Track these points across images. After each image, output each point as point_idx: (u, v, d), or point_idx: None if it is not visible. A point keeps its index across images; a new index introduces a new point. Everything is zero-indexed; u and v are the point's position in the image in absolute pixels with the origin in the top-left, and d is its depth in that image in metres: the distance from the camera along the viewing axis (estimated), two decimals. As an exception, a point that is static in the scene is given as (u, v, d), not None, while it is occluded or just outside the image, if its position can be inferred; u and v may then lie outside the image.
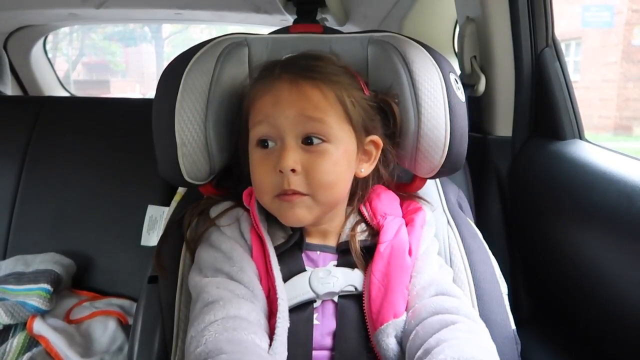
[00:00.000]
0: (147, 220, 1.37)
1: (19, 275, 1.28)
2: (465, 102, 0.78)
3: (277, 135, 0.69)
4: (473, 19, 1.12)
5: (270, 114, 0.69)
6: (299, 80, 0.70)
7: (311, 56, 0.75)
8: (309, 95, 0.69)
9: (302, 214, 0.70)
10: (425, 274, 0.72)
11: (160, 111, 0.75)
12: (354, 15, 1.59)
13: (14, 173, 1.47)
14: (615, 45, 6.70)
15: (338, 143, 0.70)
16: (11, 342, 1.16)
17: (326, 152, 0.69)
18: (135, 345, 0.76)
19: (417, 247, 0.74)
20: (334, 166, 0.70)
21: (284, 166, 0.67)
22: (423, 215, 0.78)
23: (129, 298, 1.35)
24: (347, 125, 0.71)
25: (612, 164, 0.90)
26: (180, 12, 1.72)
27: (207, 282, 0.68)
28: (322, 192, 0.70)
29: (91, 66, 10.98)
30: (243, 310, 0.64)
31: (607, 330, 0.88)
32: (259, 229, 0.73)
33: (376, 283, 0.70)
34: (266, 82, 0.72)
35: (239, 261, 0.70)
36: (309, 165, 0.68)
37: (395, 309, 0.68)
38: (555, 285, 1.03)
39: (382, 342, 0.67)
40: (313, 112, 0.69)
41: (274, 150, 0.70)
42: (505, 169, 1.14)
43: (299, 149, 0.69)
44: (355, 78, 0.75)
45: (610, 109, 6.67)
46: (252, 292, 0.68)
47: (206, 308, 0.64)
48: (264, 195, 0.71)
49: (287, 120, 0.68)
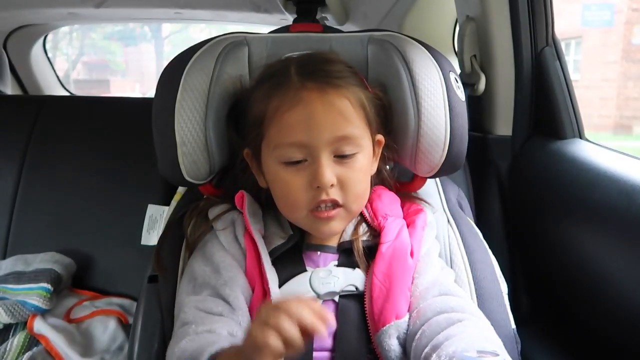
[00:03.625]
0: (147, 219, 1.37)
1: (19, 274, 1.28)
2: (465, 101, 0.78)
3: (310, 154, 0.68)
4: (473, 18, 1.12)
5: (304, 136, 0.67)
6: (327, 90, 0.68)
7: (325, 59, 0.73)
8: (340, 107, 0.68)
9: (337, 226, 0.71)
10: (428, 275, 0.72)
11: (160, 110, 0.75)
12: (354, 14, 1.59)
13: (14, 172, 1.47)
14: (615, 44, 6.71)
15: (364, 152, 0.71)
16: (11, 341, 1.16)
17: (357, 163, 0.70)
18: (135, 345, 0.77)
19: (418, 249, 0.74)
20: (364, 175, 0.71)
21: (324, 182, 0.67)
22: (424, 216, 0.78)
23: (129, 297, 1.35)
24: (367, 130, 0.72)
25: (612, 163, 0.90)
26: (180, 11, 1.72)
27: (188, 301, 0.70)
28: (355, 202, 0.71)
29: (91, 65, 10.99)
30: (215, 326, 0.65)
31: (607, 329, 0.88)
32: (252, 233, 0.73)
33: (378, 284, 0.70)
34: (287, 91, 0.69)
35: (226, 274, 0.70)
36: (344, 177, 0.69)
37: (398, 310, 0.68)
38: (555, 284, 1.03)
39: (384, 343, 0.67)
40: (347, 128, 0.68)
41: (305, 166, 0.68)
42: (505, 168, 1.14)
43: (332, 162, 0.68)
44: (360, 77, 0.75)
45: (610, 108, 6.68)
46: (231, 307, 0.68)
47: (180, 330, 0.66)
48: (298, 211, 0.70)
49: (322, 140, 0.67)
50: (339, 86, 0.69)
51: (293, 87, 0.68)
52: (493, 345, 0.61)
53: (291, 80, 0.69)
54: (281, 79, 0.70)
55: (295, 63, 0.72)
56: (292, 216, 0.73)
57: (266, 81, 0.73)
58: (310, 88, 0.68)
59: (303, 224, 0.73)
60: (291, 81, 0.69)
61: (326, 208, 0.69)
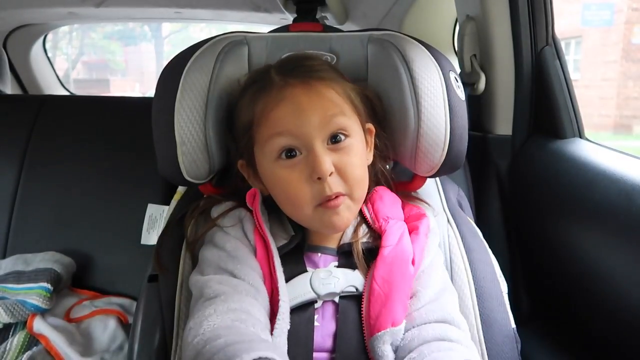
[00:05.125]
0: (147, 219, 1.37)
1: (19, 274, 1.28)
2: (465, 100, 0.78)
3: (302, 144, 0.68)
4: (473, 17, 1.12)
5: (292, 124, 0.68)
6: (311, 83, 0.69)
7: (304, 57, 0.75)
8: (327, 96, 0.70)
9: (347, 216, 0.71)
10: (430, 290, 0.71)
11: (159, 110, 0.75)
12: (354, 14, 1.59)
13: (14, 172, 1.47)
14: (615, 43, 6.71)
15: (357, 136, 0.72)
16: (11, 340, 1.16)
17: (352, 147, 0.70)
18: (135, 344, 0.76)
19: (421, 257, 0.73)
20: (360, 159, 0.72)
21: (323, 172, 0.66)
22: (427, 222, 0.77)
23: (129, 297, 1.35)
24: (356, 117, 0.73)
25: (612, 163, 0.90)
26: (180, 10, 1.72)
27: (209, 279, 0.68)
28: (357, 188, 0.70)
29: (91, 65, 10.99)
30: (245, 303, 0.64)
31: (607, 329, 0.88)
32: (263, 230, 0.73)
33: (377, 289, 0.69)
34: (270, 91, 0.70)
35: (243, 260, 0.70)
36: (341, 164, 0.69)
37: (394, 317, 0.68)
38: (555, 283, 1.03)
39: (378, 348, 0.67)
40: (334, 108, 0.69)
41: (299, 160, 0.69)
42: (505, 167, 1.14)
43: (327, 150, 0.68)
44: (339, 71, 0.77)
45: (610, 108, 6.68)
46: (256, 289, 0.67)
47: (207, 302, 0.64)
48: (304, 207, 0.69)
49: (312, 126, 0.67)
50: (322, 78, 0.70)
51: (276, 86, 0.70)
52: None
53: (273, 81, 0.71)
54: (263, 83, 0.72)
55: (274, 66, 0.74)
56: (298, 214, 0.72)
57: (249, 88, 0.74)
58: (293, 84, 0.69)
59: (310, 221, 0.72)
60: (273, 82, 0.70)
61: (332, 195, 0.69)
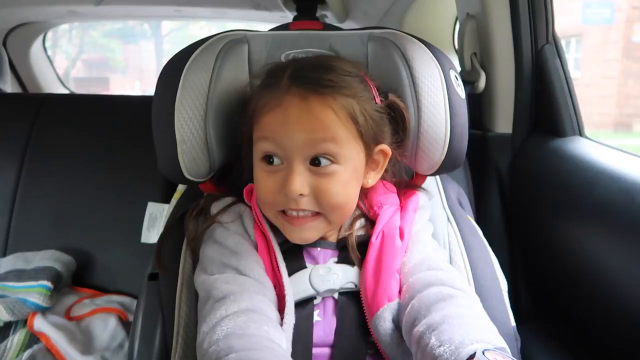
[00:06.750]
0: (147, 217, 1.37)
1: (19, 272, 1.28)
2: (465, 99, 0.78)
3: (284, 156, 0.67)
4: (473, 15, 1.12)
5: (277, 134, 0.66)
6: (309, 97, 0.66)
7: (323, 66, 0.70)
8: (319, 115, 0.66)
9: (309, 235, 0.71)
10: (416, 252, 0.72)
11: (160, 108, 0.75)
12: (354, 12, 1.59)
13: (14, 170, 1.47)
14: (616, 42, 6.69)
15: (347, 163, 0.68)
16: (12, 339, 1.17)
17: (335, 174, 0.67)
18: (135, 342, 0.77)
19: (409, 231, 0.74)
20: (343, 188, 0.68)
21: (292, 191, 0.66)
22: (416, 199, 0.78)
23: (130, 295, 1.35)
24: (357, 141, 0.69)
25: (612, 161, 0.90)
26: (180, 9, 1.73)
27: (216, 279, 0.68)
28: (333, 212, 0.69)
29: (91, 63, 10.96)
30: (255, 301, 0.64)
31: (607, 327, 0.88)
32: (263, 225, 0.73)
33: (370, 271, 0.70)
34: (274, 93, 0.68)
35: (245, 255, 0.70)
36: (319, 188, 0.67)
37: (389, 293, 0.68)
38: (555, 281, 1.03)
39: (380, 327, 0.67)
40: (323, 133, 0.66)
41: (280, 168, 0.68)
42: (505, 165, 1.14)
43: (306, 171, 0.67)
44: (368, 85, 0.71)
45: (610, 106, 6.67)
46: (263, 285, 0.67)
47: (217, 304, 0.64)
48: (268, 208, 0.71)
49: (295, 143, 0.66)
50: (324, 94, 0.66)
51: (280, 90, 0.68)
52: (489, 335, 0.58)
53: (281, 82, 0.68)
54: (274, 80, 0.70)
55: (293, 66, 0.71)
56: (265, 212, 0.73)
57: (264, 78, 0.73)
58: (293, 93, 0.67)
59: (275, 222, 0.72)
60: (281, 84, 0.68)
61: (298, 214, 0.69)
